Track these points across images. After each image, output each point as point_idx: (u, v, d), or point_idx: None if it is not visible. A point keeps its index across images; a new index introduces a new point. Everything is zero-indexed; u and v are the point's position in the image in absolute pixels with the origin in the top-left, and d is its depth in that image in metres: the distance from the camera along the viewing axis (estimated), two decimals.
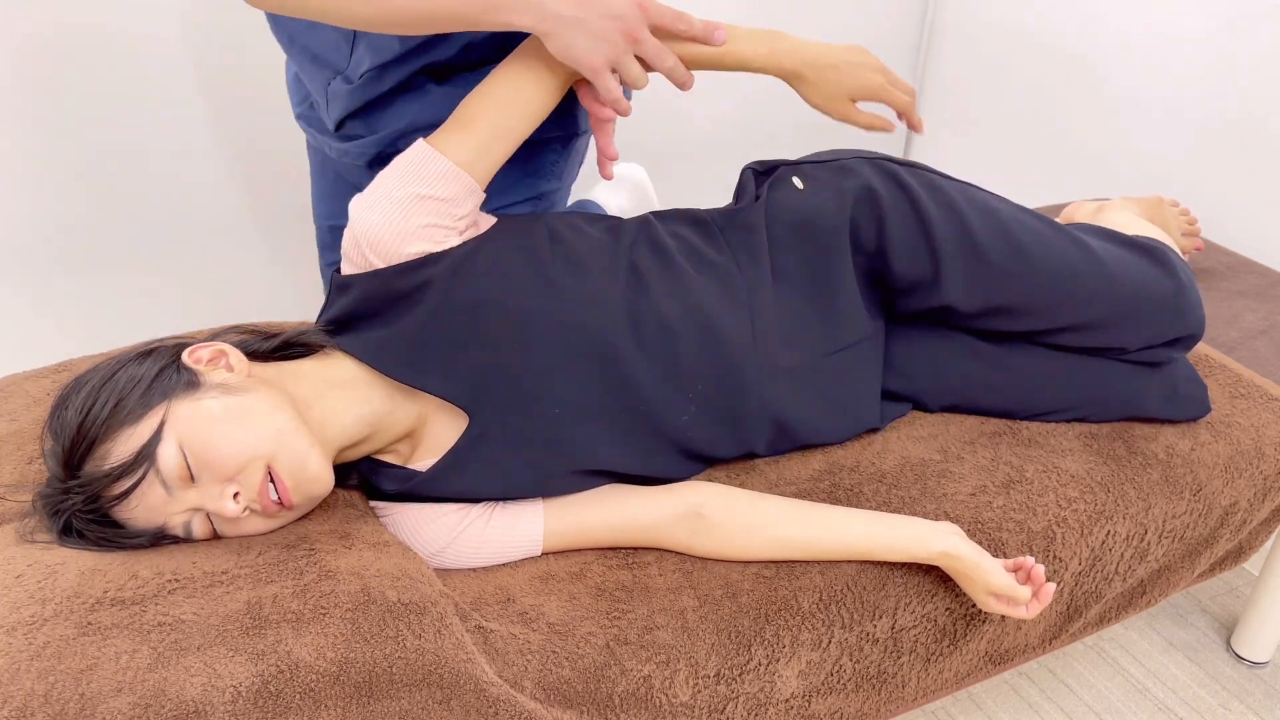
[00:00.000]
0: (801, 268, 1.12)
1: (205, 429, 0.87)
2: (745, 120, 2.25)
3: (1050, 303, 1.15)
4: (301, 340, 1.02)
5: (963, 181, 1.19)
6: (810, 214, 1.12)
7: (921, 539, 1.01)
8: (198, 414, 0.87)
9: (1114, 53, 1.95)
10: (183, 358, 0.92)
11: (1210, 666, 1.58)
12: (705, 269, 1.08)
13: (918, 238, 1.12)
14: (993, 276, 1.13)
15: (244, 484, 0.88)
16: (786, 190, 1.15)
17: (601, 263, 1.04)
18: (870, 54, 1.14)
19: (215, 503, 0.88)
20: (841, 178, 1.14)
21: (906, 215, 1.12)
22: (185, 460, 0.86)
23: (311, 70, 1.19)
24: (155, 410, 0.87)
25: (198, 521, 0.90)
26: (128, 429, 0.86)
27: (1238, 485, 1.22)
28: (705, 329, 1.04)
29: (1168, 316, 1.19)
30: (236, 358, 0.94)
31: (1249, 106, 1.73)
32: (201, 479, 0.87)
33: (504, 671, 0.90)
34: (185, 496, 0.88)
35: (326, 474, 0.92)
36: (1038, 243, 1.14)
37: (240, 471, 0.88)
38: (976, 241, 1.12)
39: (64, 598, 0.82)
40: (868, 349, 1.16)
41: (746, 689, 0.97)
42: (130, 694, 0.75)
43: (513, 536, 1.02)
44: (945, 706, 1.51)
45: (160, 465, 0.86)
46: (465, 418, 1.00)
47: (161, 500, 0.87)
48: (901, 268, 1.13)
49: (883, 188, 1.13)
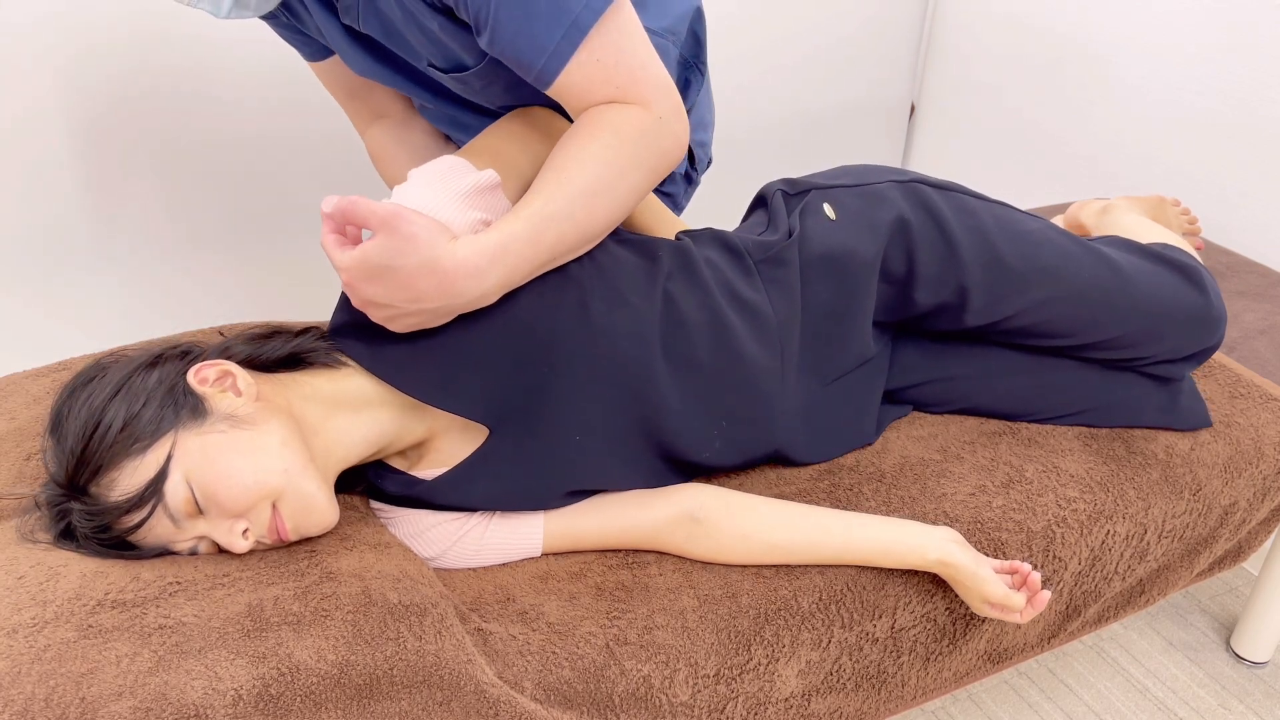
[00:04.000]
0: (825, 301, 1.10)
1: (212, 467, 0.85)
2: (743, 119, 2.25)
3: (1078, 324, 1.15)
4: (310, 351, 0.99)
5: (996, 201, 1.18)
6: (843, 252, 1.09)
7: (918, 547, 1.01)
8: (205, 450, 0.86)
9: (1114, 53, 1.95)
10: (189, 379, 0.90)
11: (1210, 666, 1.58)
12: (740, 308, 1.05)
13: (946, 268, 1.11)
14: (1019, 302, 1.13)
15: (253, 521, 0.88)
16: (819, 220, 1.12)
17: (638, 290, 1.01)
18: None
19: (225, 538, 0.87)
20: (873, 209, 1.12)
21: (937, 246, 1.11)
22: (193, 495, 0.85)
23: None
24: (162, 442, 0.85)
25: (204, 545, 0.90)
26: (134, 460, 0.85)
27: (1237, 485, 1.22)
28: (738, 364, 1.03)
29: (1195, 331, 1.19)
30: (244, 381, 0.91)
31: (1249, 106, 1.73)
32: (209, 513, 0.87)
33: (504, 672, 0.90)
34: (193, 526, 0.87)
35: (332, 513, 0.91)
36: (1067, 264, 1.14)
37: (249, 510, 0.87)
38: (1006, 267, 1.11)
39: (65, 600, 0.82)
40: (871, 369, 1.16)
41: (746, 689, 0.97)
42: (131, 697, 0.75)
43: (511, 542, 1.02)
44: (945, 706, 1.51)
45: (168, 501, 0.85)
46: (480, 432, 0.99)
47: (169, 531, 0.87)
48: (925, 298, 1.13)
49: (914, 217, 1.11)
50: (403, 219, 0.83)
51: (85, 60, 1.57)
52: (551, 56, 0.92)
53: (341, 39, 1.08)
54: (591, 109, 0.95)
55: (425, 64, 1.04)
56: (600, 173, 0.92)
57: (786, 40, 2.18)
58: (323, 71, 1.23)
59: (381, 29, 1.02)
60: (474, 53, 1.00)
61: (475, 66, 1.01)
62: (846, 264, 1.10)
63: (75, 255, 1.69)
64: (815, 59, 2.24)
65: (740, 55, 2.14)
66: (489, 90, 1.06)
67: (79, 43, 1.55)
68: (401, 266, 0.83)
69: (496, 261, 0.88)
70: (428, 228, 0.84)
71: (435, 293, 0.86)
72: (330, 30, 1.08)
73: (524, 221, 0.90)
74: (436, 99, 1.15)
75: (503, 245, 0.88)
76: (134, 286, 1.77)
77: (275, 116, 1.72)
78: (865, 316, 1.12)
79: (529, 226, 0.90)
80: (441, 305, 0.87)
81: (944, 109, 2.38)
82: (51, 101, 1.57)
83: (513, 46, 0.93)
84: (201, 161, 1.73)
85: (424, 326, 0.91)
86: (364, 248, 0.84)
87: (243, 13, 1.00)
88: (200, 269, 1.82)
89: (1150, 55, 1.88)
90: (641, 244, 1.06)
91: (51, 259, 1.68)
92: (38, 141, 1.58)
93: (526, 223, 0.90)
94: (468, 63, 1.01)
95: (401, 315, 0.88)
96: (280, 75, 1.67)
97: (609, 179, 0.93)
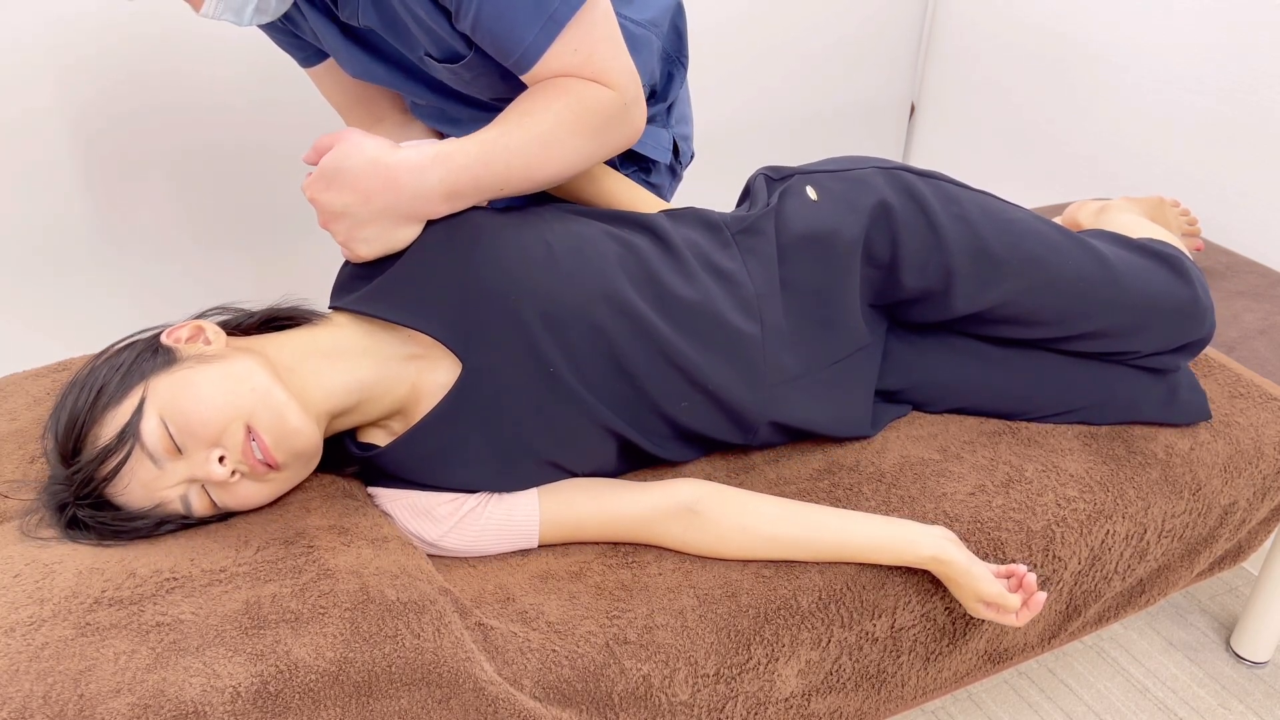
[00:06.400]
0: (809, 280, 1.11)
1: (182, 397, 0.88)
2: (743, 119, 2.25)
3: (1064, 313, 1.15)
4: (288, 313, 1.03)
5: (979, 190, 1.19)
6: (823, 231, 1.11)
7: (912, 543, 1.01)
8: (174, 385, 0.89)
9: (1114, 53, 1.95)
10: (161, 338, 0.95)
11: (1210, 666, 1.58)
12: (715, 274, 1.08)
13: (931, 252, 1.11)
14: (1005, 289, 1.13)
15: (227, 446, 0.89)
16: (800, 201, 1.13)
17: (600, 247, 1.04)
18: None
19: (202, 468, 0.89)
20: (856, 192, 1.13)
21: (921, 229, 1.11)
22: (168, 431, 0.88)
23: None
24: (135, 390, 0.89)
25: (194, 495, 0.90)
26: (111, 411, 0.88)
27: (1237, 485, 1.22)
28: (717, 323, 1.04)
29: (1182, 323, 1.19)
30: (214, 332, 0.96)
31: (1249, 106, 1.73)
32: (187, 448, 0.88)
33: (503, 670, 0.90)
34: (175, 468, 0.89)
35: (308, 428, 0.92)
36: (1053, 253, 1.14)
37: (222, 434, 0.88)
38: (990, 255, 1.12)
39: (62, 598, 0.82)
40: (863, 358, 1.16)
41: (746, 688, 0.97)
42: (129, 695, 0.75)
43: (509, 525, 1.02)
44: (945, 706, 1.51)
45: (144, 439, 0.87)
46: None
47: (152, 475, 0.88)
48: (912, 281, 1.13)
49: (897, 201, 1.12)
50: (352, 130, 0.96)
51: (87, 62, 1.57)
52: (529, 48, 0.98)
53: (337, 40, 1.10)
54: (570, 78, 1.01)
55: (421, 54, 1.07)
56: (559, 129, 0.99)
57: (787, 40, 2.18)
58: (318, 77, 1.24)
59: (380, 20, 1.04)
60: (465, 41, 1.03)
61: (467, 56, 1.04)
62: (829, 243, 1.10)
63: (75, 256, 1.69)
64: (815, 59, 2.24)
65: (740, 55, 2.14)
66: (480, 82, 1.09)
67: (80, 43, 1.55)
68: (349, 167, 0.93)
69: (438, 163, 0.96)
70: (374, 138, 0.96)
71: (380, 187, 0.94)
72: (326, 32, 1.10)
73: (476, 143, 0.97)
74: (431, 94, 1.16)
75: (447, 153, 0.96)
76: (134, 287, 1.77)
77: (277, 117, 1.72)
78: (852, 298, 1.12)
79: (480, 148, 0.97)
80: (389, 203, 0.95)
81: (944, 109, 2.38)
82: (51, 102, 1.57)
83: (491, 35, 0.98)
84: (205, 162, 1.73)
85: (384, 243, 0.98)
86: (321, 160, 0.95)
87: (262, 18, 1.03)
88: (202, 270, 1.82)
89: (1150, 55, 1.88)
90: (611, 217, 1.11)
91: (52, 260, 1.68)
92: (38, 141, 1.58)
93: (478, 144, 0.97)
94: (461, 52, 1.04)
95: (359, 224, 0.96)
96: (281, 75, 1.67)
97: (563, 137, 1.00)
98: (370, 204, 0.95)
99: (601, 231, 1.06)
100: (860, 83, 2.33)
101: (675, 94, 1.29)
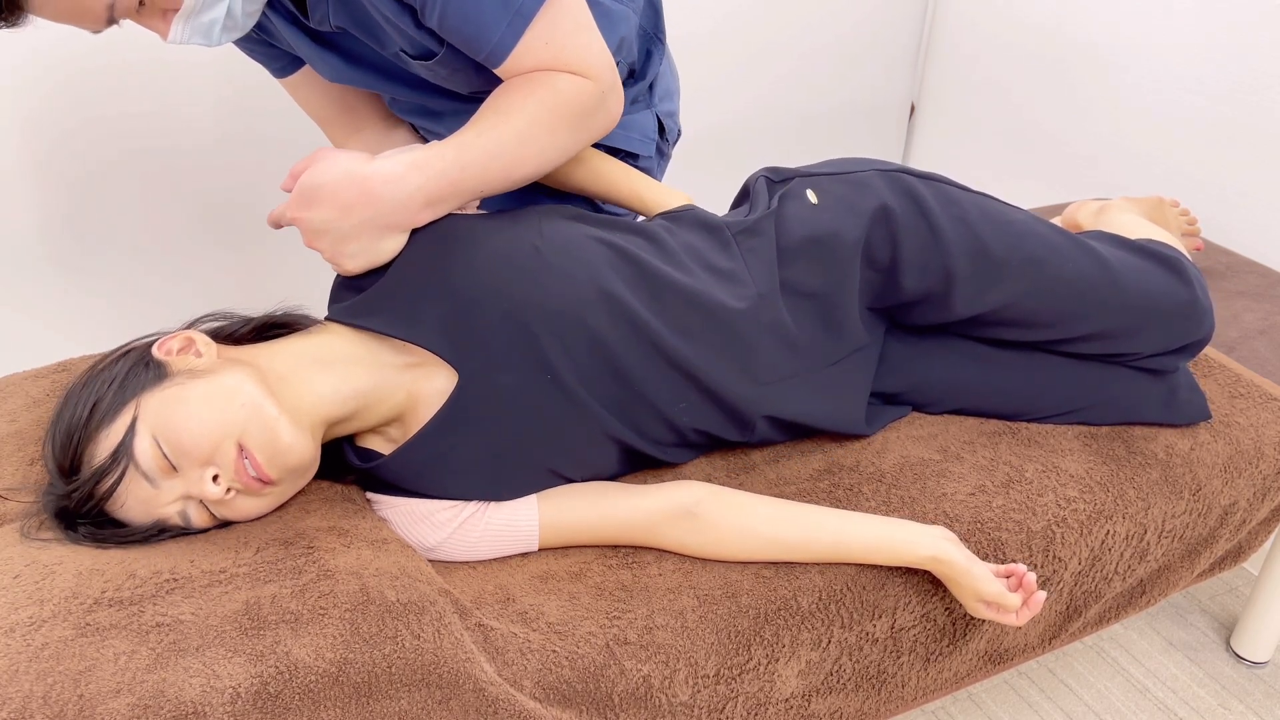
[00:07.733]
0: (809, 283, 1.10)
1: (172, 415, 0.88)
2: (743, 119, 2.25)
3: (1064, 315, 1.15)
4: (283, 320, 1.02)
5: (979, 192, 1.19)
6: (824, 233, 1.10)
7: (912, 543, 1.01)
8: (165, 402, 0.88)
9: (1114, 53, 1.95)
10: (153, 351, 0.94)
11: (1210, 666, 1.58)
12: (714, 273, 1.07)
13: (931, 254, 1.11)
14: (1005, 291, 1.13)
15: (220, 465, 0.89)
16: (800, 204, 1.13)
17: (589, 248, 1.03)
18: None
19: (197, 487, 0.88)
20: (857, 195, 1.13)
21: (921, 232, 1.11)
22: (161, 450, 0.87)
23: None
24: (128, 407, 0.88)
25: (193, 510, 0.90)
26: (105, 429, 0.88)
27: (1237, 485, 1.22)
28: (713, 314, 1.04)
29: (1181, 324, 1.19)
30: (204, 343, 0.95)
31: (1249, 106, 1.73)
32: (181, 466, 0.88)
33: (504, 671, 0.90)
34: (171, 486, 0.88)
35: (301, 443, 0.91)
36: (1052, 255, 1.14)
37: (214, 453, 0.88)
38: (990, 257, 1.12)
39: (62, 598, 0.82)
40: (860, 359, 1.16)
41: (746, 689, 0.97)
42: (129, 695, 0.75)
43: (508, 531, 1.02)
44: (945, 706, 1.51)
45: (138, 459, 0.87)
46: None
47: (149, 493, 0.88)
48: (912, 284, 1.13)
49: (897, 204, 1.12)
50: (325, 148, 0.97)
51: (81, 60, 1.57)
52: (498, 44, 0.97)
53: (309, 47, 1.10)
54: (545, 71, 1.00)
55: (396, 50, 1.06)
56: (535, 125, 0.99)
57: (787, 40, 2.18)
58: (295, 88, 1.23)
59: (351, 18, 1.03)
60: (436, 38, 1.02)
61: (440, 53, 1.03)
62: (830, 246, 1.10)
63: (75, 256, 1.69)
64: (815, 59, 2.24)
65: (741, 55, 2.14)
66: (456, 78, 1.08)
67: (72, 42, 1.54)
68: (325, 182, 0.93)
69: (415, 170, 0.95)
70: (348, 151, 0.96)
71: (359, 199, 0.93)
72: (297, 40, 1.09)
73: (453, 147, 0.96)
74: (409, 90, 1.15)
75: (423, 159, 0.95)
76: (134, 287, 1.77)
77: (276, 115, 1.72)
78: (851, 300, 1.12)
79: (456, 152, 0.96)
80: (370, 216, 0.94)
81: (944, 109, 2.38)
82: (51, 100, 1.57)
83: (459, 32, 0.97)
84: (204, 161, 1.73)
85: (369, 256, 0.97)
86: (300, 179, 0.95)
87: (231, 35, 1.02)
88: (203, 271, 1.82)
89: (1150, 55, 1.88)
90: (607, 220, 1.10)
91: (51, 260, 1.68)
92: (38, 140, 1.58)
93: (455, 148, 0.96)
94: (433, 49, 1.04)
95: (342, 239, 0.95)
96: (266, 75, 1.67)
97: (540, 133, 0.99)
98: (350, 217, 0.94)
99: (589, 236, 1.05)
100: (860, 83, 2.33)
101: (655, 71, 1.27)
